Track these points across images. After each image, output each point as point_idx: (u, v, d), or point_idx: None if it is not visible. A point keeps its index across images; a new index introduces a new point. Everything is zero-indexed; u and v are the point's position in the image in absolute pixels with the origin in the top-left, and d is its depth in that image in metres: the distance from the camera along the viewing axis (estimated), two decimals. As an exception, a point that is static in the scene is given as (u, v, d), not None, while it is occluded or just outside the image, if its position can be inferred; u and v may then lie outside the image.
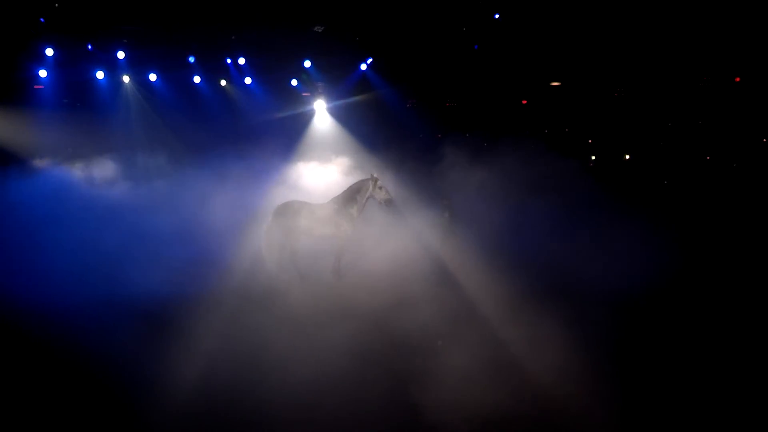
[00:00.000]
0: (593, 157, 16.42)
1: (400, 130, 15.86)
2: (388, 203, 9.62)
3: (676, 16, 12.63)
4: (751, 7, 12.13)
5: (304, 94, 15.87)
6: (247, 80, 15.09)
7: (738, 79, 14.74)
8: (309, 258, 10.41)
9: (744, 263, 10.18)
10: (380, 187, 9.54)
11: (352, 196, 9.70)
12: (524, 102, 16.31)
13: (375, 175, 9.70)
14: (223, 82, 15.16)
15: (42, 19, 12.24)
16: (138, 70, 14.15)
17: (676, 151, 15.42)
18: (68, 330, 7.31)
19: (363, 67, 15.35)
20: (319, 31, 14.03)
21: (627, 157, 15.93)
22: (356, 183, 9.90)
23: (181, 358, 6.65)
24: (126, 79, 14.15)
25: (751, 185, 14.03)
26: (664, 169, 15.34)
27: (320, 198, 10.55)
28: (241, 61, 14.61)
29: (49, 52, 12.86)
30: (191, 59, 14.18)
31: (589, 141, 16.59)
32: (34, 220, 11.32)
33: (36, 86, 13.67)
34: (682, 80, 14.93)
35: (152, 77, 14.39)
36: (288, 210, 9.85)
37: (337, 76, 15.46)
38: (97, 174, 14.32)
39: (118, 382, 6.22)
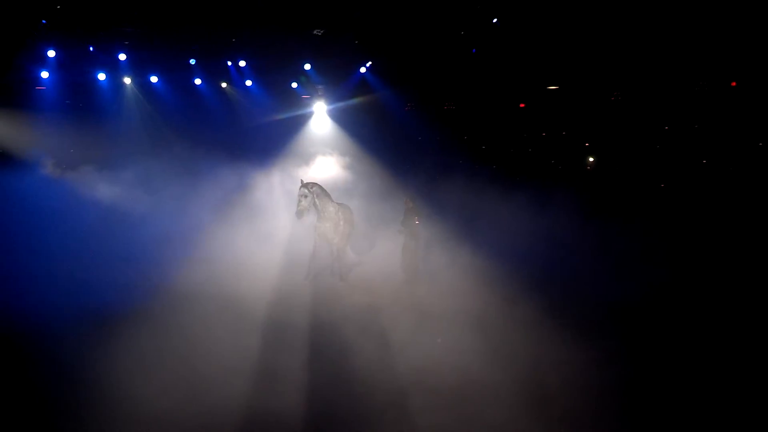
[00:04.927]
0: (590, 160, 16.54)
1: (399, 132, 15.95)
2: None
3: (674, 21, 12.71)
4: (748, 12, 12.21)
5: (303, 96, 15.98)
6: (248, 82, 15.21)
7: (734, 84, 14.81)
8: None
9: (742, 267, 10.29)
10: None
11: None
12: (522, 105, 16.41)
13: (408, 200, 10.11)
14: (223, 84, 15.28)
15: (44, 21, 12.27)
16: (139, 72, 14.29)
17: (672, 154, 15.52)
18: (48, 336, 7.21)
19: (362, 70, 15.43)
20: (319, 34, 14.09)
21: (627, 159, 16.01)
22: None
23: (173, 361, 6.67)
24: (127, 80, 14.28)
25: (747, 189, 14.15)
26: (660, 172, 15.46)
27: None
28: (242, 63, 14.69)
29: (51, 53, 12.95)
30: (192, 61, 14.24)
31: (586, 144, 16.70)
32: (36, 222, 11.33)
33: (38, 87, 13.78)
34: (678, 84, 15.02)
35: (153, 79, 14.50)
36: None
37: (336, 79, 15.54)
38: (99, 176, 14.32)
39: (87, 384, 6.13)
